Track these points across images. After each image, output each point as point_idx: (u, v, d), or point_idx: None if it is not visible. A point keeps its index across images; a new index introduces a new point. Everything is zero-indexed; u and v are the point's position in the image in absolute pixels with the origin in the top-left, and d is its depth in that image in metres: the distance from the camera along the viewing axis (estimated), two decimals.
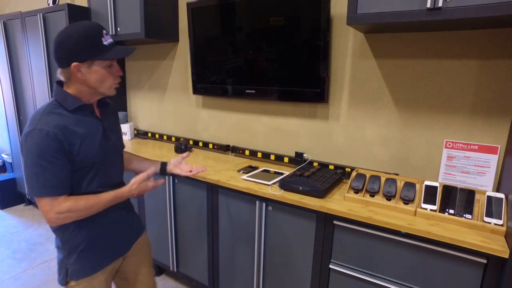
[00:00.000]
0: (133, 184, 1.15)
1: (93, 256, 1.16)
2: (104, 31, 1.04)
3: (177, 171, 1.44)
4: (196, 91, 2.31)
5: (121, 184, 1.24)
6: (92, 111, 1.12)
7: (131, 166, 1.40)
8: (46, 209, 1.00)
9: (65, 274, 1.14)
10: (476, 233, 1.19)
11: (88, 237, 1.14)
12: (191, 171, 1.43)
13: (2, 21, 3.08)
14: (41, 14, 2.63)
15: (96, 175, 1.10)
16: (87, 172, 1.08)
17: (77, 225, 1.11)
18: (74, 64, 0.99)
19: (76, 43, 0.99)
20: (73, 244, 1.13)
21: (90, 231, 1.14)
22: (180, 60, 2.46)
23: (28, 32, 2.83)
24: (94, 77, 1.04)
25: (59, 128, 0.99)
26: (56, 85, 1.07)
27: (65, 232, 1.12)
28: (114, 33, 2.36)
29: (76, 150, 1.02)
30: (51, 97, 1.07)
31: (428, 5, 1.17)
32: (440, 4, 1.16)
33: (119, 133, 1.27)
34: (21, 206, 3.54)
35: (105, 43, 1.03)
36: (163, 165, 1.44)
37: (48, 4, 3.01)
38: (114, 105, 1.31)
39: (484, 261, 1.14)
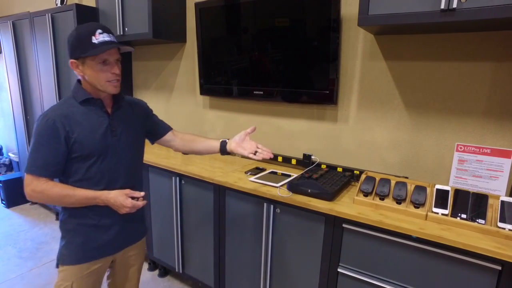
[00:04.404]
0: (111, 193, 1.14)
1: (80, 246, 1.20)
2: (99, 31, 1.08)
3: (239, 150, 1.32)
4: (203, 91, 2.31)
5: (130, 184, 1.23)
6: (102, 106, 1.17)
7: (194, 147, 1.42)
8: (26, 183, 1.10)
9: (58, 256, 1.22)
10: (489, 239, 1.17)
11: (79, 225, 1.19)
12: (255, 152, 1.29)
13: (11, 21, 3.10)
14: (49, 14, 2.64)
15: (93, 165, 1.14)
16: (84, 161, 1.13)
17: (72, 212, 1.18)
18: (70, 61, 1.11)
19: (71, 42, 1.10)
20: (67, 228, 1.21)
21: (83, 219, 1.19)
22: (188, 60, 2.46)
23: (37, 32, 2.85)
24: (89, 73, 1.11)
25: (60, 116, 1.09)
26: (76, 81, 1.18)
27: (65, 214, 1.20)
28: (122, 33, 2.37)
29: (74, 137, 1.10)
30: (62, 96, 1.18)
31: (442, 6, 1.16)
32: (454, 5, 1.14)
33: (134, 133, 1.27)
34: (27, 205, 3.56)
35: (94, 41, 1.07)
36: (223, 143, 1.37)
37: (56, 4, 3.02)
38: (141, 105, 1.35)
39: (499, 267, 1.11)
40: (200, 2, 2.13)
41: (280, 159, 2.07)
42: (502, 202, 1.25)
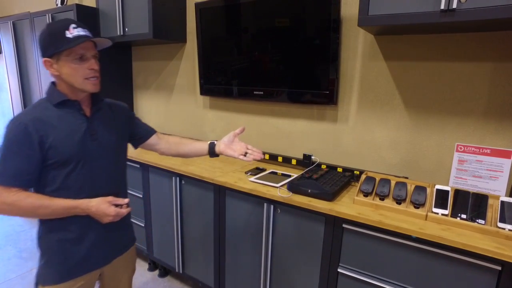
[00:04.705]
0: (92, 201, 1.06)
1: (62, 264, 1.11)
2: (73, 25, 1.02)
3: (228, 152, 1.27)
4: (203, 92, 2.31)
5: (114, 191, 1.15)
6: (80, 108, 1.09)
7: (180, 150, 1.36)
8: None
9: (38, 276, 1.13)
10: (489, 239, 1.17)
11: (60, 240, 1.10)
12: (245, 154, 1.25)
13: (11, 21, 3.10)
14: (49, 15, 2.64)
15: (72, 172, 1.06)
16: (61, 168, 1.04)
17: (51, 226, 1.09)
18: (44, 59, 1.03)
19: (43, 39, 1.02)
20: (46, 245, 1.11)
21: (63, 233, 1.09)
22: (188, 60, 2.46)
23: (37, 33, 2.85)
24: (65, 71, 1.03)
25: (32, 120, 1.00)
26: (50, 83, 1.11)
27: (44, 229, 1.11)
28: (122, 33, 2.37)
29: (48, 143, 1.01)
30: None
31: (442, 7, 1.16)
32: (454, 6, 1.14)
33: (115, 136, 1.18)
34: None
35: (68, 35, 1.00)
36: (212, 145, 1.31)
37: (57, 5, 3.02)
38: (123, 108, 1.27)
39: (499, 268, 1.11)
40: (200, 2, 2.13)
41: (280, 159, 2.07)
42: (502, 202, 1.25)
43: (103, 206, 1.06)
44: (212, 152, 1.31)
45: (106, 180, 1.15)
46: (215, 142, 1.32)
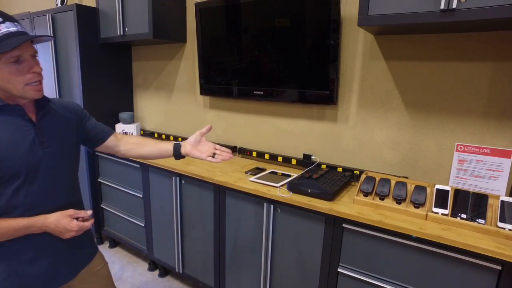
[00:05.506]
0: (49, 217, 0.94)
1: None
2: None
3: (195, 153, 1.17)
4: (203, 91, 2.31)
5: (72, 202, 1.06)
6: (23, 113, 0.95)
7: (142, 151, 1.24)
8: None
9: None
10: (489, 239, 1.17)
11: (13, 265, 0.98)
12: (213, 155, 1.16)
13: None
14: (49, 15, 2.64)
15: (21, 187, 0.92)
16: (7, 184, 0.90)
17: (0, 250, 0.97)
18: None
19: None
20: None
21: (16, 257, 0.97)
22: (188, 60, 2.46)
23: (37, 33, 2.85)
24: None
25: None
26: None
27: None
28: (122, 33, 2.37)
29: None
30: None
31: (442, 6, 1.16)
32: (454, 5, 1.14)
33: (69, 140, 1.07)
34: None
35: None
36: (177, 146, 1.20)
37: (57, 5, 3.02)
38: (74, 108, 1.14)
39: (499, 267, 1.11)
40: (200, 2, 2.13)
41: (280, 159, 2.07)
42: (502, 202, 1.25)
43: (63, 222, 0.94)
44: (177, 154, 1.20)
45: (62, 191, 1.04)
46: (181, 143, 1.21)
